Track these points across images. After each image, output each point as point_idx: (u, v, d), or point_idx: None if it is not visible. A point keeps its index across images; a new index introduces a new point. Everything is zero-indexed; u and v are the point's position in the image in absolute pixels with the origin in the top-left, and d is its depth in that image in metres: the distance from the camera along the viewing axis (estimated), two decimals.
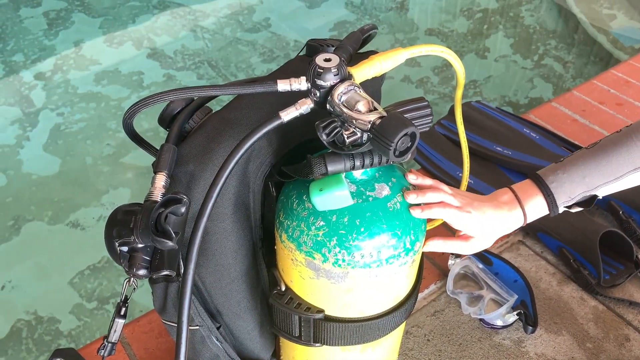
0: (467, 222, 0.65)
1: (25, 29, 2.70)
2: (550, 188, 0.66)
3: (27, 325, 1.53)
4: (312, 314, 0.65)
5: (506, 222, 0.67)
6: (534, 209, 0.67)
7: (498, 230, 0.67)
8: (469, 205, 0.65)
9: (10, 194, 1.91)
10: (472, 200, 0.66)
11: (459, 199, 0.65)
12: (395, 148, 0.50)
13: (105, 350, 0.64)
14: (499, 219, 0.66)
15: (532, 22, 2.78)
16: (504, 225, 0.67)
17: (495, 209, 0.66)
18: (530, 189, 0.67)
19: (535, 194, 0.66)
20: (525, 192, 0.67)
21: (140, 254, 0.55)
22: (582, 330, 1.00)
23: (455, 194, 0.66)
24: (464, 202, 0.65)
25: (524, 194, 0.67)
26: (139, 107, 0.58)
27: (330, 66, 0.53)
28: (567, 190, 0.66)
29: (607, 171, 0.66)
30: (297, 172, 0.60)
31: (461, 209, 0.64)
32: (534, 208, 0.67)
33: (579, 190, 0.66)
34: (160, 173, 0.58)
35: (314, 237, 0.59)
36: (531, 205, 0.66)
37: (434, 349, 0.97)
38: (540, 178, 0.67)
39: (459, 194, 0.66)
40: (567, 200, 0.66)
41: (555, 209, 0.66)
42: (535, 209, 0.67)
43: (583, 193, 0.66)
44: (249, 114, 0.63)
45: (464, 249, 0.67)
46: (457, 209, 0.64)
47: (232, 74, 2.44)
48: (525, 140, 1.34)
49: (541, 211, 0.67)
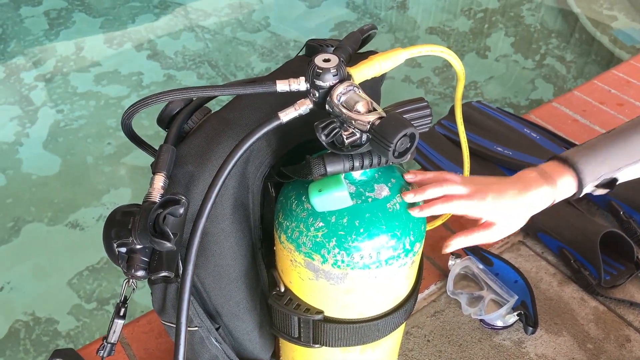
0: (482, 209, 0.61)
1: (26, 28, 2.71)
2: (578, 167, 0.64)
3: (25, 326, 1.53)
4: (312, 315, 0.65)
5: (534, 202, 0.63)
6: (563, 187, 0.64)
7: (524, 211, 0.63)
8: (481, 192, 0.61)
9: (10, 194, 1.91)
10: (487, 184, 0.62)
11: (469, 186, 0.62)
12: (394, 149, 0.50)
13: (105, 350, 0.64)
14: (526, 199, 0.62)
15: (533, 21, 2.78)
16: (531, 205, 0.63)
17: (520, 190, 0.62)
18: (557, 168, 0.65)
19: (564, 172, 0.64)
20: (553, 170, 0.64)
21: (138, 255, 0.55)
22: (583, 331, 0.99)
23: (464, 181, 0.62)
24: (475, 188, 0.61)
25: (553, 172, 0.64)
26: (138, 108, 0.57)
27: (330, 66, 0.53)
28: (592, 170, 0.64)
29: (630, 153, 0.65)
30: (296, 172, 0.60)
31: (471, 196, 0.61)
32: (563, 186, 0.64)
33: (603, 170, 0.64)
34: (158, 174, 0.57)
35: (313, 238, 0.59)
36: (561, 184, 0.64)
37: (434, 350, 0.97)
38: (566, 158, 0.65)
39: (470, 181, 0.63)
40: (593, 180, 0.64)
41: (582, 188, 0.64)
42: (565, 187, 0.64)
43: (605, 175, 0.65)
44: (248, 114, 0.63)
45: (490, 238, 0.63)
46: (466, 199, 0.61)
47: (232, 73, 2.44)
48: (525, 140, 1.33)
49: (569, 190, 0.64)
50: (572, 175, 0.64)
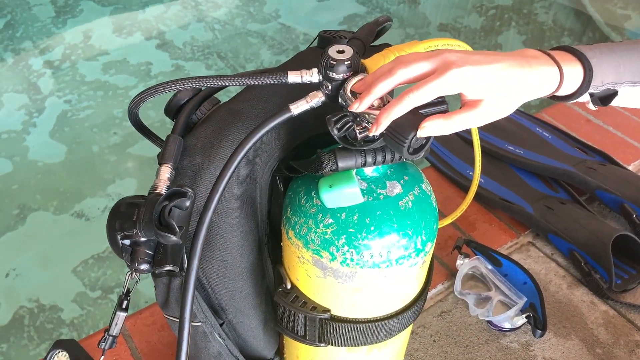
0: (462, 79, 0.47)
1: (34, 16, 2.70)
2: (591, 61, 0.53)
3: (30, 312, 1.53)
4: (318, 313, 0.64)
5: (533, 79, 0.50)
6: (569, 76, 0.53)
7: (519, 88, 0.50)
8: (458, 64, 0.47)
9: (16, 181, 1.91)
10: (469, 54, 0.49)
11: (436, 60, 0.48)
12: (409, 145, 0.48)
13: (106, 343, 0.63)
14: (524, 73, 0.49)
15: (546, 19, 2.75)
16: (529, 83, 0.50)
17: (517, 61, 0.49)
18: (566, 56, 0.54)
19: (572, 61, 0.53)
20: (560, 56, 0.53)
21: (142, 248, 0.53)
22: (592, 335, 0.98)
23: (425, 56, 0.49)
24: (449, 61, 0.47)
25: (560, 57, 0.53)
26: (145, 97, 0.56)
27: (343, 58, 0.51)
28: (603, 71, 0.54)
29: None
30: (306, 167, 0.58)
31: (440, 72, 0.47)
32: (569, 75, 0.53)
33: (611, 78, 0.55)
34: (165, 165, 0.56)
35: (322, 235, 0.58)
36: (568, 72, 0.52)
37: (439, 350, 0.95)
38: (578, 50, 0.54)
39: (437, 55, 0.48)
40: (598, 83, 0.55)
41: (585, 87, 0.54)
42: (571, 77, 0.53)
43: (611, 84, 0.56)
44: (257, 106, 0.61)
45: (474, 119, 0.49)
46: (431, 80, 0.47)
47: (240, 65, 2.42)
48: (537, 139, 1.31)
49: (573, 84, 0.53)
50: (582, 68, 0.53)
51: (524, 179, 1.23)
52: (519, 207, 1.16)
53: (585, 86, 0.54)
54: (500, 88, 0.49)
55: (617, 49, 0.56)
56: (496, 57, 0.49)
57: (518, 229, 1.16)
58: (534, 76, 0.50)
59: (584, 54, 0.54)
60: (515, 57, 0.50)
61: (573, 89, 0.54)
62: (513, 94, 0.50)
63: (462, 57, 0.48)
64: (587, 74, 0.53)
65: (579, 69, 0.53)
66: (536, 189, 1.21)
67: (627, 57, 0.56)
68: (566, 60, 0.53)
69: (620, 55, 0.56)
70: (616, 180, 1.17)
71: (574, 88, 0.54)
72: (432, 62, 0.48)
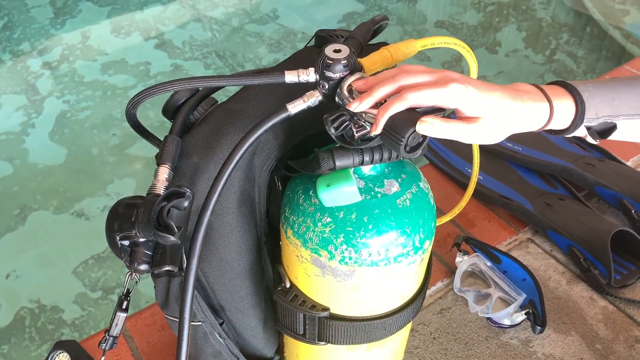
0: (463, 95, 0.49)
1: (32, 17, 2.70)
2: (582, 95, 0.54)
3: (31, 313, 1.53)
4: (317, 312, 0.64)
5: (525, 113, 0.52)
6: (560, 111, 0.54)
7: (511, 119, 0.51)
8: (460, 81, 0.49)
9: (16, 182, 1.91)
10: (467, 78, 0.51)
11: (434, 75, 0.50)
12: (406, 143, 0.49)
13: (107, 344, 0.63)
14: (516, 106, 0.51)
15: (544, 15, 2.74)
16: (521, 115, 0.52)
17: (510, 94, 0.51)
18: (558, 91, 0.55)
19: (564, 96, 0.54)
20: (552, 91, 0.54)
21: (141, 248, 0.54)
22: (592, 331, 0.98)
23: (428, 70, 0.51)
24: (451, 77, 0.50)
25: (552, 92, 0.54)
26: (143, 97, 0.56)
27: (340, 57, 0.51)
28: (596, 105, 0.55)
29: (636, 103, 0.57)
30: (303, 166, 0.58)
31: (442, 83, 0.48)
32: (561, 110, 0.54)
33: (605, 111, 0.56)
34: (163, 165, 0.56)
35: (320, 234, 0.58)
36: (559, 107, 0.54)
37: (439, 348, 0.95)
38: (570, 85, 0.55)
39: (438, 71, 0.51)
40: (592, 117, 0.55)
41: (579, 121, 0.55)
42: (562, 112, 0.54)
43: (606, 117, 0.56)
44: (255, 105, 0.61)
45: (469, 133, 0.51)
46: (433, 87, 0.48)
47: (239, 64, 2.42)
48: (536, 136, 1.31)
49: (566, 118, 0.55)
50: (574, 103, 0.54)
51: (523, 176, 1.24)
52: (518, 204, 1.16)
53: (578, 119, 0.55)
54: (497, 113, 0.51)
55: (610, 83, 0.58)
56: (493, 86, 0.51)
57: (517, 226, 1.16)
58: (525, 110, 0.52)
59: (575, 88, 0.55)
60: (509, 90, 0.52)
61: (567, 123, 0.55)
62: (506, 123, 0.52)
63: (463, 77, 0.50)
64: (579, 107, 0.55)
65: (570, 103, 0.55)
66: (535, 185, 1.21)
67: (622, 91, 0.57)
68: (558, 94, 0.55)
69: (613, 89, 0.57)
70: (615, 176, 1.17)
71: (568, 122, 0.55)
72: (435, 75, 0.50)
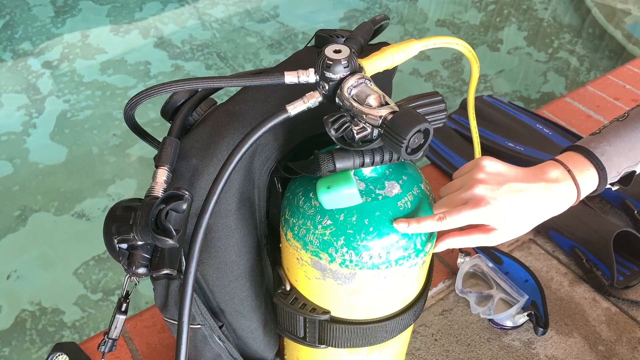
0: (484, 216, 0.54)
1: (33, 16, 2.69)
2: (602, 161, 0.57)
3: (32, 315, 1.53)
4: (318, 315, 0.63)
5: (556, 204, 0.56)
6: (586, 185, 0.57)
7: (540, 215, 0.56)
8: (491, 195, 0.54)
9: (17, 183, 1.91)
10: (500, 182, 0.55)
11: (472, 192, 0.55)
12: (407, 145, 0.48)
13: (106, 346, 0.62)
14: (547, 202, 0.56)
15: (546, 15, 2.74)
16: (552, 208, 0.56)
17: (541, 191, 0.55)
18: (580, 161, 0.57)
19: (587, 167, 0.57)
20: (575, 164, 0.57)
21: (140, 251, 0.53)
22: (594, 333, 0.97)
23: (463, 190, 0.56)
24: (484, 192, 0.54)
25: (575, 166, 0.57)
26: (141, 99, 0.55)
27: (340, 58, 0.51)
28: (615, 163, 0.58)
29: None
30: (303, 168, 0.58)
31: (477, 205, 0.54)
32: (586, 184, 0.57)
33: (625, 164, 0.58)
34: (161, 167, 0.55)
35: (320, 236, 0.57)
36: (584, 181, 0.57)
37: (441, 349, 0.95)
38: (589, 150, 0.58)
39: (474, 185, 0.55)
40: (615, 175, 0.58)
41: (604, 184, 0.58)
42: (587, 185, 0.57)
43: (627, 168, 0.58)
44: (254, 107, 0.61)
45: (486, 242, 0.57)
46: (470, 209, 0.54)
47: (239, 64, 2.42)
48: (537, 136, 1.30)
49: (591, 187, 0.58)
50: (596, 171, 0.57)
51: None
52: None
53: (602, 185, 0.58)
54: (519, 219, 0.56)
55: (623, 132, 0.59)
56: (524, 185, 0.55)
57: None
58: (556, 201, 0.56)
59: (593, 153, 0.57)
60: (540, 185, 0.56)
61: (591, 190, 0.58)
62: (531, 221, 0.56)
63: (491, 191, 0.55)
64: (601, 173, 0.57)
65: (593, 173, 0.57)
66: None
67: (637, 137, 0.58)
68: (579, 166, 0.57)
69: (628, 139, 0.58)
70: None
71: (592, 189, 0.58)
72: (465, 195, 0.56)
